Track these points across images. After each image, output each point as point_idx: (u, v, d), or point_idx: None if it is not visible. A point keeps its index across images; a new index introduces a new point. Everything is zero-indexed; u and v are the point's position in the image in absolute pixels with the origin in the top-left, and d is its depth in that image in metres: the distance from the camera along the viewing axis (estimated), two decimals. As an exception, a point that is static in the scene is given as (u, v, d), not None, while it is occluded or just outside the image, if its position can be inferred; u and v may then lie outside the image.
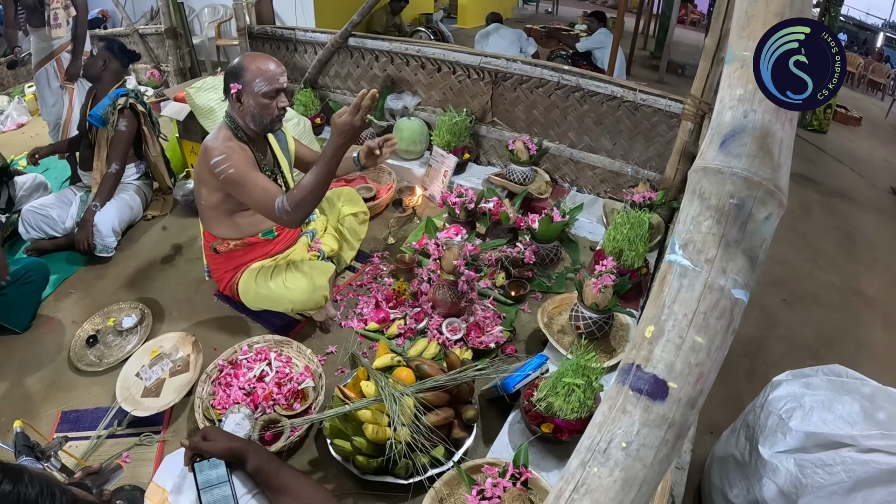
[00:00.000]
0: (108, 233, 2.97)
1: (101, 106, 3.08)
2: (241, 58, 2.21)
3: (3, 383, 2.31)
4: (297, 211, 2.07)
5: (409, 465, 1.73)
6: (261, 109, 2.20)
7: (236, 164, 2.14)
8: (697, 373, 0.66)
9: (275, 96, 2.20)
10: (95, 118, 3.08)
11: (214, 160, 2.15)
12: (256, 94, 2.17)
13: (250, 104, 2.19)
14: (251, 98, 2.18)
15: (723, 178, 0.69)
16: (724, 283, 0.67)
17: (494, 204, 2.90)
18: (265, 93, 2.17)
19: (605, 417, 0.68)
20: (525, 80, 3.41)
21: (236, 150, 2.19)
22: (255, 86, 2.16)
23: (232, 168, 2.13)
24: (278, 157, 2.47)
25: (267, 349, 2.27)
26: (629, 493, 0.64)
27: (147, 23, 7.02)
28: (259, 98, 2.17)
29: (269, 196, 2.10)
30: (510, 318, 2.49)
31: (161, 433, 2.07)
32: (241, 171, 2.14)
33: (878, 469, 1.72)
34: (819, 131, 7.14)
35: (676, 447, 0.65)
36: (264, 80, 2.16)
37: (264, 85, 2.16)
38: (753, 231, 0.68)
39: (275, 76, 2.17)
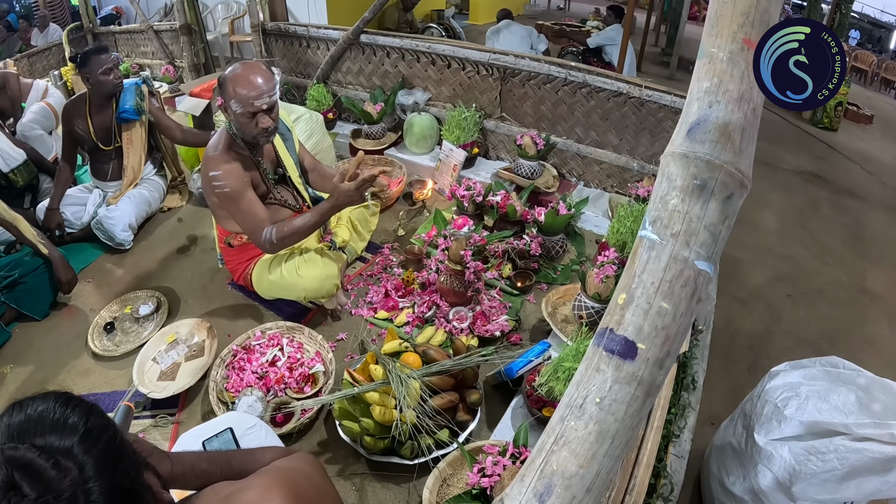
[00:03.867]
0: (123, 228, 3.05)
1: (126, 100, 3.13)
2: (229, 70, 2.17)
3: (23, 369, 2.40)
4: (281, 244, 2.22)
5: (415, 447, 1.80)
6: (242, 126, 2.19)
7: (231, 185, 2.19)
8: (664, 335, 0.72)
9: (252, 117, 2.17)
10: (129, 112, 3.13)
11: (212, 174, 2.19)
12: (236, 112, 2.15)
13: (234, 119, 2.19)
14: (233, 114, 2.18)
15: (688, 162, 0.76)
16: (688, 255, 0.73)
17: (502, 197, 2.96)
18: (241, 113, 2.15)
19: (581, 376, 0.74)
20: (533, 77, 3.46)
21: (234, 170, 2.20)
22: (233, 105, 2.14)
23: (227, 188, 2.19)
24: (282, 158, 2.48)
25: (279, 335, 2.34)
26: (602, 444, 0.70)
27: (161, 19, 7.10)
28: (239, 116, 2.16)
29: (258, 223, 2.20)
30: (515, 307, 2.55)
31: (176, 415, 2.14)
32: (234, 192, 2.19)
33: (872, 457, 1.73)
34: (829, 129, 7.10)
35: (646, 404, 0.71)
36: (239, 103, 2.13)
37: (239, 107, 2.13)
38: (715, 209, 0.74)
39: (248, 100, 2.11)
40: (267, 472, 1.06)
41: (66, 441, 0.75)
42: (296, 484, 1.00)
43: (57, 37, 6.58)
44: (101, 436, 0.78)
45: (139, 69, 5.89)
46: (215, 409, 2.05)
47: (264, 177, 2.38)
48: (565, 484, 0.75)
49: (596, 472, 0.74)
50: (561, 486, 0.75)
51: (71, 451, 0.74)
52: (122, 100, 3.15)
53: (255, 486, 0.95)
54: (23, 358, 2.46)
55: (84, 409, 0.80)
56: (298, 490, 0.98)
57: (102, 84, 3.05)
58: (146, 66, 6.10)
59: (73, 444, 0.75)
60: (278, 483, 0.96)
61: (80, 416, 0.78)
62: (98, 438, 0.77)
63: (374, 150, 3.80)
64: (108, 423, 0.82)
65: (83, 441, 0.76)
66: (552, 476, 0.76)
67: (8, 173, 3.27)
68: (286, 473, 1.05)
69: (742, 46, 0.80)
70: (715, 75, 0.77)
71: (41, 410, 0.77)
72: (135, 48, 6.32)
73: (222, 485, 1.01)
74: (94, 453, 0.75)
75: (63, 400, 0.80)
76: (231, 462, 1.21)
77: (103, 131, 3.18)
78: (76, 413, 0.78)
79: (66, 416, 0.77)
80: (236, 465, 1.19)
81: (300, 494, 0.97)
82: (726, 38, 0.81)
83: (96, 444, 0.76)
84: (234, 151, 2.26)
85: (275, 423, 2.00)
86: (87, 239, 3.16)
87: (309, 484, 1.06)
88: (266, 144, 2.38)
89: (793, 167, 5.83)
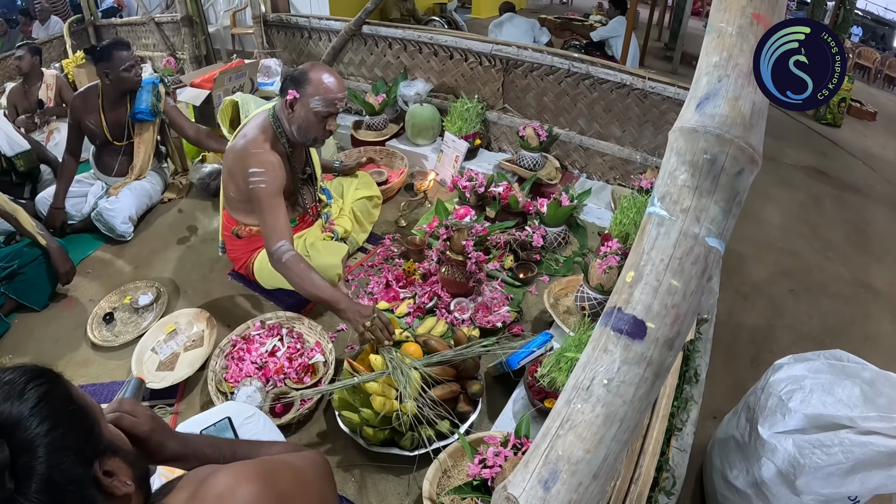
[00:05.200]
0: (123, 220, 3.04)
1: (141, 101, 3.10)
2: (309, 66, 2.16)
3: (22, 359, 2.38)
4: (283, 268, 2.07)
5: (415, 438, 1.78)
6: (309, 126, 2.18)
7: (269, 184, 2.13)
8: (674, 314, 0.70)
9: (327, 117, 2.17)
10: (146, 113, 3.10)
11: (253, 169, 2.13)
12: (310, 109, 2.13)
13: (301, 116, 2.17)
14: (304, 111, 2.15)
15: (697, 136, 0.74)
16: (699, 231, 0.71)
17: (504, 188, 2.94)
18: (318, 112, 2.14)
19: (588, 358, 0.72)
20: (536, 68, 3.44)
21: (276, 169, 2.16)
22: (312, 101, 2.12)
23: (263, 185, 2.12)
24: (312, 157, 2.49)
25: (279, 325, 2.32)
26: (610, 428, 0.68)
27: (163, 11, 7.06)
28: (311, 114, 2.14)
29: (279, 230, 2.10)
30: (517, 299, 2.53)
31: (175, 405, 2.13)
32: (270, 192, 2.13)
33: (877, 451, 1.72)
34: (833, 125, 7.08)
35: (655, 386, 0.69)
36: (322, 100, 2.12)
37: (321, 104, 2.12)
38: (726, 184, 0.72)
39: (334, 100, 2.13)
40: (249, 461, 1.04)
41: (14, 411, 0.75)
42: (274, 476, 0.97)
43: (58, 29, 6.56)
44: (50, 416, 0.78)
45: (141, 62, 5.86)
46: (214, 400, 2.03)
47: (295, 177, 2.36)
48: (571, 469, 0.73)
49: (603, 457, 0.72)
50: (567, 471, 0.73)
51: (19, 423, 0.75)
52: (138, 99, 3.11)
53: (228, 472, 0.93)
54: (22, 348, 2.44)
55: (45, 388, 0.80)
56: (274, 482, 0.94)
57: (123, 81, 3.03)
58: (147, 58, 6.08)
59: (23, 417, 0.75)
60: (253, 472, 0.93)
61: (38, 391, 0.79)
62: (46, 418, 0.77)
63: (376, 142, 3.78)
64: (69, 407, 0.82)
65: (32, 416, 0.76)
66: (557, 461, 0.74)
67: (11, 157, 3.30)
68: (269, 465, 1.02)
69: (752, 21, 0.78)
70: (724, 49, 0.75)
71: (9, 378, 0.79)
72: (136, 40, 6.29)
73: (207, 468, 0.99)
74: (40, 432, 0.75)
75: (34, 374, 0.81)
76: (236, 451, 1.18)
77: (116, 127, 3.16)
78: (35, 388, 0.79)
79: (24, 389, 0.78)
80: (240, 455, 1.17)
81: (274, 486, 0.93)
82: (735, 13, 0.80)
83: (43, 423, 0.76)
84: (277, 148, 2.23)
85: (274, 413, 1.98)
86: (86, 230, 3.16)
87: (293, 478, 1.03)
88: (315, 147, 2.39)
89: (796, 163, 5.81)
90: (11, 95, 4.53)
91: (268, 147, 2.19)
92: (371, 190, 2.96)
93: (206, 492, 0.89)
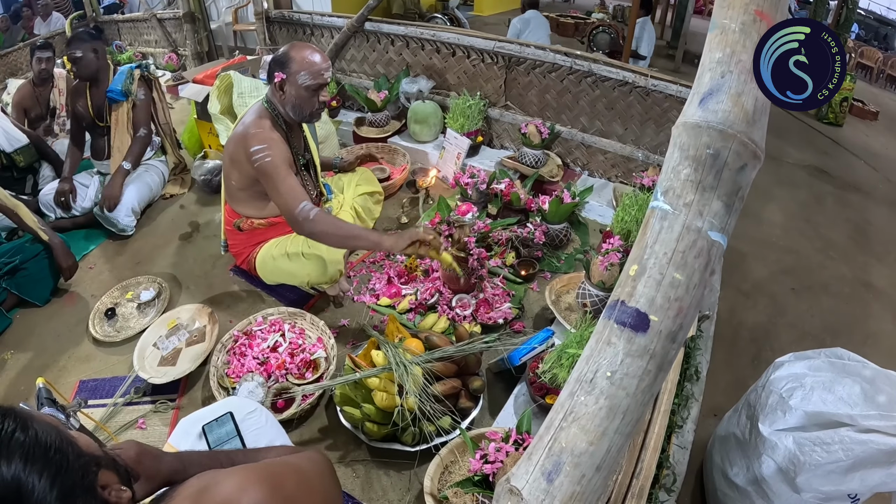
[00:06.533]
0: (126, 213, 3.05)
1: (117, 81, 3.16)
2: (289, 47, 2.22)
3: (23, 354, 2.40)
4: (314, 225, 2.08)
5: (416, 433, 1.79)
6: (301, 101, 2.22)
7: (274, 156, 2.15)
8: (677, 307, 0.70)
9: (317, 90, 2.22)
10: (116, 93, 3.15)
11: (255, 147, 2.16)
12: (300, 86, 2.18)
13: (292, 94, 2.21)
14: (294, 89, 2.20)
15: (700, 131, 0.74)
16: (702, 225, 0.71)
17: (506, 185, 2.94)
18: (308, 86, 2.19)
19: (591, 350, 0.73)
20: (538, 65, 3.43)
21: (277, 143, 2.21)
22: (300, 78, 2.17)
23: (269, 158, 2.14)
24: (309, 144, 2.51)
25: (281, 321, 2.33)
26: (613, 420, 0.68)
27: (165, 7, 7.07)
28: (301, 90, 2.19)
29: (297, 194, 2.12)
30: (519, 296, 2.53)
31: (177, 400, 2.14)
32: (276, 164, 2.15)
33: (877, 449, 1.72)
34: (835, 124, 7.07)
35: (658, 379, 0.70)
36: (309, 74, 2.17)
37: (308, 78, 2.17)
38: (728, 179, 0.72)
39: (319, 71, 2.18)
40: (253, 465, 1.02)
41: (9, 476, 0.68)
42: (279, 479, 0.95)
43: (60, 25, 6.57)
44: (46, 464, 0.72)
45: (142, 57, 5.88)
46: (216, 395, 2.04)
47: (296, 159, 2.37)
48: (574, 461, 0.74)
49: (606, 450, 0.72)
50: (570, 463, 0.74)
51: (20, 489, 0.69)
52: (115, 81, 3.18)
53: (233, 479, 0.90)
54: (24, 344, 2.45)
55: (21, 434, 0.73)
56: (281, 487, 0.93)
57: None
58: (149, 54, 6.09)
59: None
60: (257, 477, 0.92)
61: (22, 434, 0.72)
62: (43, 469, 0.71)
63: (378, 138, 3.78)
64: (49, 439, 0.75)
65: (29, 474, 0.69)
66: (561, 453, 0.75)
67: (11, 153, 3.34)
68: (272, 468, 1.01)
69: (754, 18, 0.79)
70: (727, 45, 0.76)
71: None
72: (138, 36, 6.31)
73: (209, 473, 0.96)
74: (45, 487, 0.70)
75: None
76: (234, 460, 1.17)
77: (97, 108, 3.22)
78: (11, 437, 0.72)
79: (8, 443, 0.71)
80: (238, 462, 1.14)
81: (281, 490, 0.92)
82: (738, 10, 0.81)
83: (42, 476, 0.70)
84: (275, 129, 2.26)
85: (276, 408, 1.98)
86: (88, 225, 3.16)
87: (298, 481, 1.02)
88: (311, 123, 2.43)
89: (797, 161, 5.80)
90: (19, 95, 4.28)
91: (268, 125, 2.24)
92: (372, 186, 2.95)
93: (210, 497, 0.87)
